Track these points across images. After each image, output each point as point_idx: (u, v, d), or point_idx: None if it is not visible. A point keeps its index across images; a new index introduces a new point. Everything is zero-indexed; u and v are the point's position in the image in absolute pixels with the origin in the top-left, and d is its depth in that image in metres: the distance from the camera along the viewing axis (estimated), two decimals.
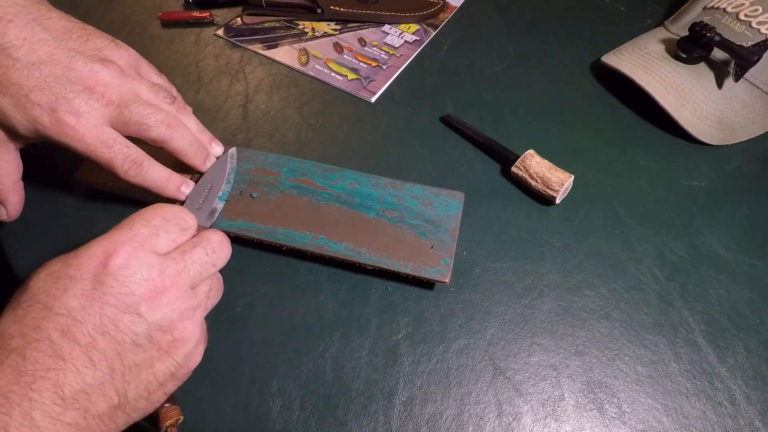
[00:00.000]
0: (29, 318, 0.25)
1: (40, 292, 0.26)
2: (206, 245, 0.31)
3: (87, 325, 0.26)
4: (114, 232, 0.29)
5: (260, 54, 0.55)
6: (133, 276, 0.27)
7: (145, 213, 0.30)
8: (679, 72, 0.48)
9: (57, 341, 0.25)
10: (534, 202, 0.44)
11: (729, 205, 0.45)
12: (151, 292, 0.27)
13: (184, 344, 0.29)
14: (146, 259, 0.28)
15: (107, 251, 0.28)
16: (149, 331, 0.27)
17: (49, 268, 0.27)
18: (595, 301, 0.39)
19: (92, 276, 0.27)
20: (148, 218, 0.30)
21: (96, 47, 0.36)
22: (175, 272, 0.29)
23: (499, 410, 0.34)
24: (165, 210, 0.31)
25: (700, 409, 0.35)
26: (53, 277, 0.27)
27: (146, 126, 0.36)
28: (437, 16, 0.60)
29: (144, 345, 0.27)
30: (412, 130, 0.49)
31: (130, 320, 0.27)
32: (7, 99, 0.33)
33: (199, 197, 0.38)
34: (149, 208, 0.31)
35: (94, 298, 0.26)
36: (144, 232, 0.29)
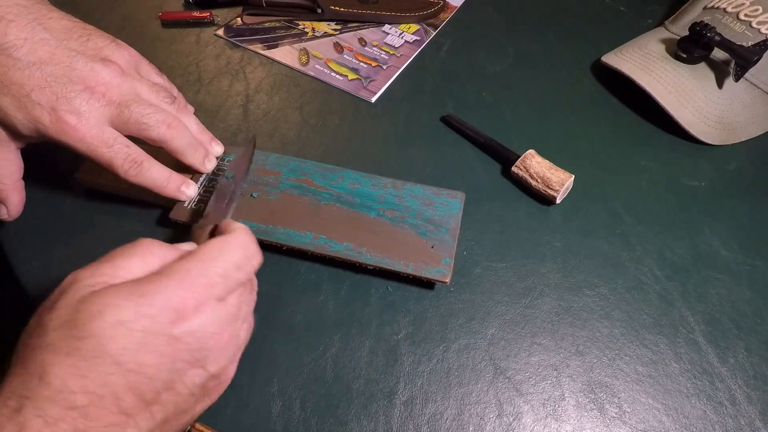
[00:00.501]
0: (95, 372, 0.23)
1: (110, 344, 0.23)
2: (252, 285, 0.31)
3: (156, 381, 0.24)
4: (188, 274, 0.26)
5: (260, 54, 0.55)
6: (205, 332, 0.26)
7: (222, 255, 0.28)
8: (680, 72, 0.48)
9: (122, 397, 0.23)
10: (534, 202, 0.44)
11: (729, 205, 0.45)
12: (217, 345, 0.27)
13: (223, 387, 0.29)
14: (216, 312, 0.27)
15: (183, 303, 0.25)
16: (206, 381, 0.27)
17: (119, 314, 0.24)
18: (596, 301, 0.39)
19: (168, 332, 0.25)
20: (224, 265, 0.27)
21: (97, 47, 0.36)
22: (233, 320, 0.28)
23: (500, 410, 0.34)
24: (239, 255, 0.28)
25: (700, 408, 0.35)
26: (125, 328, 0.23)
27: (146, 126, 0.36)
28: (437, 16, 0.60)
29: (197, 394, 0.26)
30: (412, 130, 0.49)
31: (195, 374, 0.26)
32: (8, 99, 0.33)
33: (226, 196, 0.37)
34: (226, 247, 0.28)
35: (167, 354, 0.24)
36: (219, 281, 0.27)
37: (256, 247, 0.30)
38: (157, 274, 0.26)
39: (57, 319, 0.24)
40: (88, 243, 0.40)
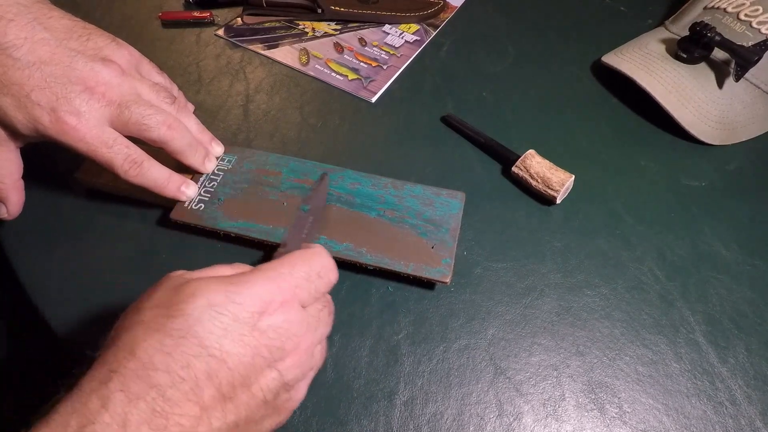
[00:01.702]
0: (179, 352, 0.23)
1: (197, 325, 0.24)
2: (330, 307, 0.31)
3: (235, 374, 0.24)
4: (276, 273, 0.27)
5: (261, 54, 0.55)
6: (287, 331, 0.26)
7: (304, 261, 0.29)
8: (680, 72, 0.48)
9: (201, 386, 0.23)
10: (535, 202, 0.44)
11: (730, 205, 0.45)
12: (296, 350, 0.27)
13: (293, 404, 0.28)
14: (299, 315, 0.27)
15: (271, 298, 0.26)
16: (278, 389, 0.26)
17: (210, 297, 0.25)
18: (596, 301, 0.39)
19: (253, 321, 0.25)
20: (307, 270, 0.28)
21: (97, 47, 0.36)
22: (312, 330, 0.28)
23: (500, 410, 0.34)
24: (322, 262, 0.29)
25: (700, 409, 0.35)
26: (214, 312, 0.24)
27: (146, 127, 0.36)
28: (438, 16, 0.60)
29: (269, 402, 0.26)
30: (412, 130, 0.49)
31: (271, 376, 0.26)
32: (8, 99, 0.32)
33: (304, 228, 0.37)
34: (309, 256, 0.29)
35: (249, 345, 0.25)
36: (303, 284, 0.28)
37: (334, 263, 0.30)
38: (247, 272, 0.27)
39: (153, 300, 0.25)
40: (88, 243, 0.40)
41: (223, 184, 0.40)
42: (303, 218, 0.38)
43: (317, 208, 0.38)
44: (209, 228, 0.38)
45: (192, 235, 0.40)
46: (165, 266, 0.39)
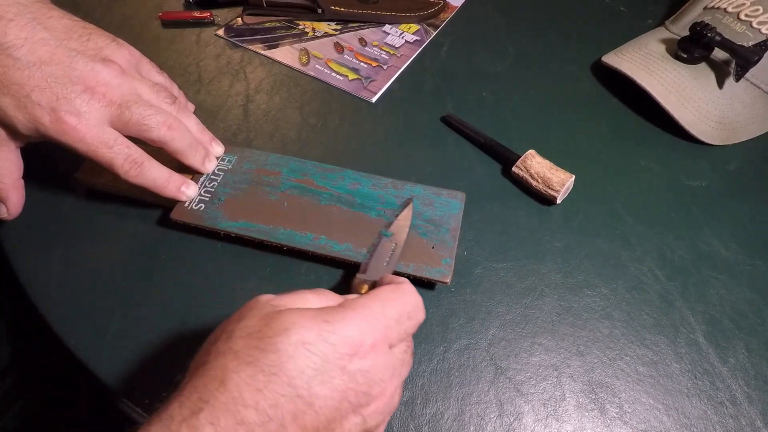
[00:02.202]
0: (269, 390, 0.23)
1: (289, 363, 0.23)
2: (412, 347, 0.30)
3: (320, 417, 0.23)
4: (368, 311, 0.26)
5: (261, 54, 0.55)
6: (375, 376, 0.25)
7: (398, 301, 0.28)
8: (680, 72, 0.48)
9: (287, 426, 0.23)
10: (535, 202, 0.44)
11: (730, 205, 0.45)
12: (382, 395, 0.26)
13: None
14: (387, 358, 0.26)
15: (362, 339, 0.25)
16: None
17: (303, 334, 0.24)
18: (596, 301, 0.39)
19: (343, 364, 0.24)
20: (399, 310, 0.28)
21: (97, 47, 0.36)
22: (397, 374, 0.27)
23: (501, 410, 0.34)
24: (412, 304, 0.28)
25: (701, 409, 0.35)
26: (306, 350, 0.24)
27: (147, 127, 0.36)
28: (438, 16, 0.60)
29: None
30: (412, 130, 0.49)
31: (354, 422, 0.25)
32: (8, 99, 0.32)
33: (386, 255, 0.36)
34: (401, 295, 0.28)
35: (338, 389, 0.24)
36: (393, 326, 0.27)
37: (421, 301, 0.29)
38: (340, 306, 0.26)
39: (245, 328, 0.25)
40: (88, 243, 0.40)
41: (223, 184, 0.40)
42: (385, 245, 0.37)
43: (401, 236, 0.37)
44: (209, 228, 0.38)
45: (192, 235, 0.40)
46: (165, 266, 0.39)
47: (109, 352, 0.35)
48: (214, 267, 0.39)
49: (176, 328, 0.36)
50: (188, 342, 0.36)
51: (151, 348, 0.35)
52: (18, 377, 0.50)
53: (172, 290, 0.38)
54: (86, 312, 0.37)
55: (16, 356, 0.51)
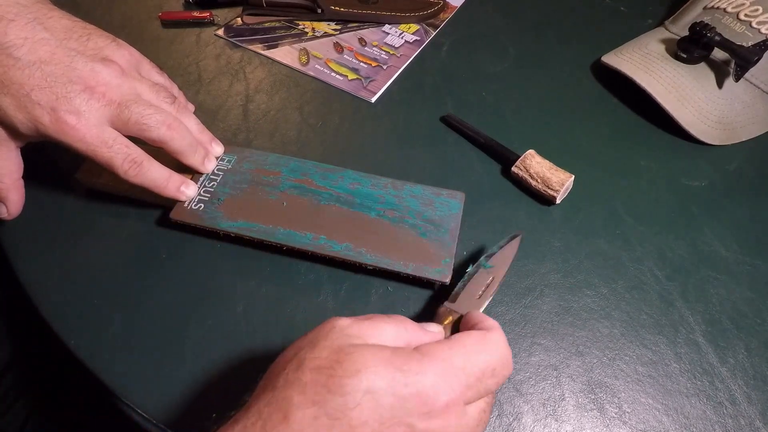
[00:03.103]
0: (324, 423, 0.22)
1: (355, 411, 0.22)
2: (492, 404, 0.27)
3: None
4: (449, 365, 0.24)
5: (260, 54, 0.55)
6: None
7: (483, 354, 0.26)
8: (680, 72, 0.48)
9: None
10: (534, 202, 0.44)
11: (730, 205, 0.45)
12: None
13: None
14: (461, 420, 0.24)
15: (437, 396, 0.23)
16: None
17: (374, 381, 0.23)
18: (596, 301, 0.39)
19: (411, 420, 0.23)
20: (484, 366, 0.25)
21: (97, 47, 0.36)
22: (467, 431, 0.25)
23: (500, 410, 0.34)
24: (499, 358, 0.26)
25: (700, 409, 0.35)
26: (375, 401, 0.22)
27: (146, 126, 0.36)
28: (437, 16, 0.60)
29: None
30: (412, 130, 0.49)
31: None
32: (8, 98, 0.33)
33: (480, 287, 0.34)
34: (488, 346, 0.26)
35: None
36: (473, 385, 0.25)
37: (510, 353, 0.27)
38: (417, 352, 0.25)
39: (316, 360, 0.24)
40: (88, 243, 0.40)
41: (222, 184, 0.40)
42: (482, 276, 0.35)
43: (501, 270, 0.35)
44: (209, 228, 0.38)
45: (192, 235, 0.40)
46: (165, 266, 0.39)
47: (109, 352, 0.35)
48: (213, 267, 0.39)
49: (176, 328, 0.36)
50: (188, 341, 0.36)
51: (151, 348, 0.35)
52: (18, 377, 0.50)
53: (172, 290, 0.38)
54: (86, 312, 0.37)
55: (16, 356, 0.51)
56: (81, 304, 0.37)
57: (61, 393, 0.51)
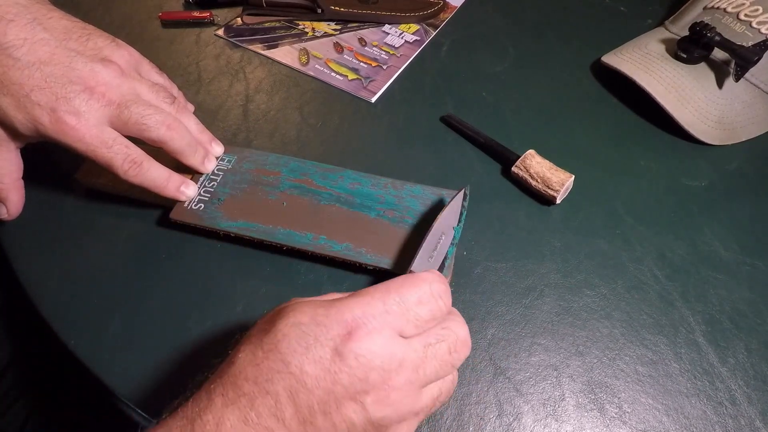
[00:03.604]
0: (266, 365, 0.24)
1: (284, 341, 0.24)
2: (452, 342, 0.27)
3: (313, 397, 0.24)
4: (368, 298, 0.26)
5: (260, 54, 0.55)
6: (372, 361, 0.24)
7: (403, 285, 0.27)
8: (680, 72, 0.48)
9: (283, 402, 0.24)
10: (534, 202, 0.44)
11: (730, 205, 0.45)
12: (384, 385, 0.24)
13: None
14: (390, 345, 0.25)
15: (356, 322, 0.25)
16: (365, 426, 0.24)
17: (298, 315, 0.25)
18: (596, 301, 0.39)
19: (334, 345, 0.24)
20: (403, 293, 0.26)
21: (96, 47, 0.36)
22: (412, 367, 0.25)
23: (500, 410, 0.34)
24: (422, 288, 0.27)
25: (700, 409, 0.35)
26: (300, 330, 0.25)
27: (146, 127, 0.36)
28: (437, 16, 0.60)
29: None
30: (412, 130, 0.49)
31: (353, 409, 0.24)
32: (8, 99, 0.33)
33: (431, 248, 0.34)
34: (410, 280, 0.27)
35: (329, 371, 0.24)
36: (396, 310, 0.26)
37: (447, 291, 0.28)
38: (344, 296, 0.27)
39: (261, 320, 0.27)
40: (88, 243, 0.40)
41: (222, 184, 0.40)
42: (433, 236, 0.34)
43: (449, 228, 0.35)
44: (209, 228, 0.38)
45: (192, 235, 0.40)
46: (165, 266, 0.39)
47: (108, 352, 0.35)
48: (213, 267, 0.39)
49: (176, 328, 0.36)
50: (188, 341, 0.36)
51: (150, 348, 0.35)
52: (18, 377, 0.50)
53: (172, 290, 0.38)
54: (86, 312, 0.37)
55: (16, 356, 0.51)
56: (81, 304, 0.37)
57: (61, 393, 0.51)
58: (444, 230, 0.35)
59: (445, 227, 0.35)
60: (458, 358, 0.27)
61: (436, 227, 0.35)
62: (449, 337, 0.27)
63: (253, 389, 0.24)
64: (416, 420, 0.27)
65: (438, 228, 0.35)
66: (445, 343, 0.27)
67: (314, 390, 0.24)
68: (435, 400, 0.27)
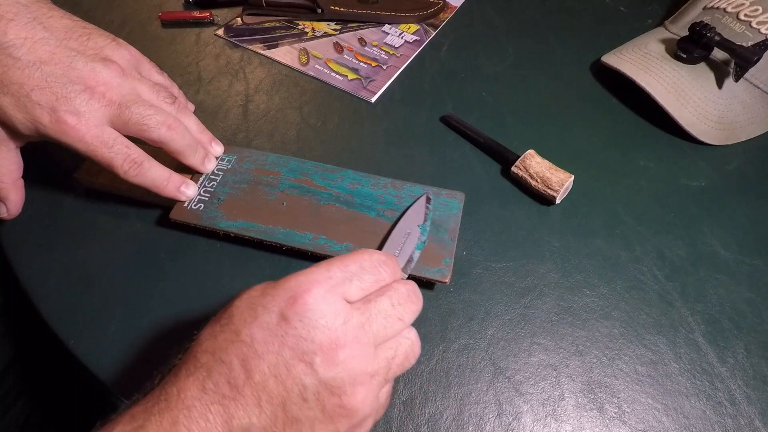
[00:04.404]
0: (221, 337, 0.26)
1: (236, 313, 0.26)
2: (392, 294, 0.28)
3: (263, 361, 0.25)
4: (313, 269, 0.27)
5: (260, 54, 0.55)
6: (317, 321, 0.25)
7: (345, 257, 0.28)
8: (679, 72, 0.48)
9: (236, 370, 0.25)
10: (534, 202, 0.44)
11: (729, 205, 0.45)
12: (330, 343, 0.25)
13: (350, 414, 0.26)
14: (334, 305, 0.26)
15: (300, 287, 0.26)
16: (318, 388, 0.25)
17: (251, 291, 0.27)
18: (595, 300, 0.39)
19: (280, 310, 0.26)
20: (346, 263, 0.28)
21: (97, 46, 0.36)
22: (357, 324, 0.26)
23: (499, 410, 0.34)
24: (363, 257, 0.29)
25: (700, 408, 0.35)
26: (250, 302, 0.26)
27: (146, 127, 0.36)
28: (437, 16, 0.60)
29: (310, 401, 0.25)
30: (412, 130, 0.49)
31: (302, 369, 0.25)
32: (8, 98, 0.33)
33: (397, 245, 0.36)
34: (352, 253, 0.29)
35: (276, 335, 0.25)
36: (339, 275, 0.27)
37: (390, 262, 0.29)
38: None
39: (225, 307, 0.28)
40: (88, 243, 0.40)
41: (222, 184, 0.40)
42: (399, 233, 0.36)
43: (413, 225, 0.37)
44: (209, 228, 0.38)
45: (192, 235, 0.40)
46: (165, 266, 0.39)
47: (109, 352, 0.35)
48: (213, 267, 0.39)
49: (176, 328, 0.36)
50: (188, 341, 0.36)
51: (150, 348, 0.35)
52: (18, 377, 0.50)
53: (172, 290, 0.38)
54: (86, 312, 0.37)
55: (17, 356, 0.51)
56: (81, 304, 0.37)
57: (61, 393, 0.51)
58: (410, 229, 0.37)
59: (410, 226, 0.37)
60: (404, 311, 0.28)
61: (401, 226, 0.37)
62: (392, 293, 0.28)
63: (210, 359, 0.25)
64: (373, 383, 0.26)
65: (402, 227, 0.37)
66: (387, 297, 0.28)
67: (264, 355, 0.25)
68: (391, 361, 0.27)
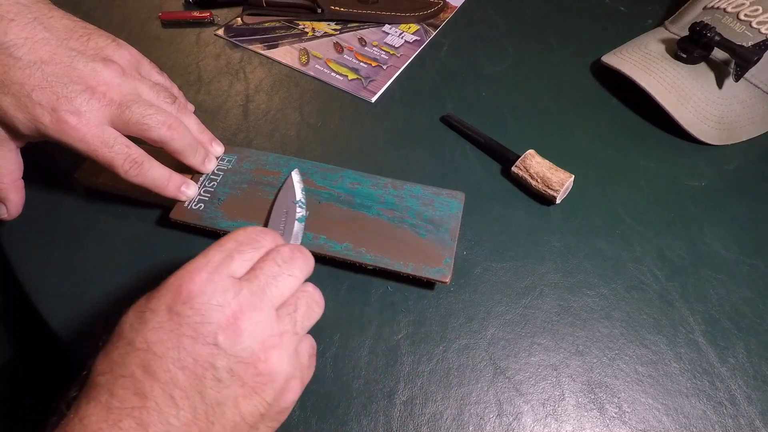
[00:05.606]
0: (116, 353, 0.25)
1: (126, 327, 0.26)
2: (275, 257, 0.29)
3: (166, 359, 0.24)
4: (192, 260, 0.27)
5: (260, 54, 0.55)
6: (208, 303, 0.25)
7: (220, 240, 0.29)
8: (679, 72, 0.48)
9: (139, 378, 0.24)
10: (534, 202, 0.44)
11: (729, 205, 0.45)
12: (228, 318, 0.25)
13: (271, 380, 0.26)
14: (221, 283, 0.26)
15: (182, 280, 0.26)
16: (230, 364, 0.25)
17: (135, 303, 0.27)
18: (596, 300, 0.39)
19: (168, 307, 0.25)
20: (221, 243, 0.28)
21: (97, 47, 0.36)
22: (250, 292, 0.26)
23: (500, 410, 0.34)
24: (238, 233, 0.29)
25: (700, 408, 0.35)
26: (137, 311, 0.26)
27: (147, 126, 0.36)
28: (437, 16, 0.60)
29: (225, 380, 0.25)
30: (412, 130, 0.49)
31: (209, 352, 0.25)
32: (9, 98, 0.33)
33: (278, 225, 0.37)
34: (223, 237, 0.29)
35: (170, 330, 0.25)
36: (218, 257, 0.27)
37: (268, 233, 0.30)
38: None
39: None
40: (88, 243, 0.40)
41: (222, 184, 0.40)
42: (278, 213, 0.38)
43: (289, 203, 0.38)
44: (209, 228, 0.38)
45: (192, 234, 0.40)
46: (165, 266, 0.39)
47: None
48: None
49: None
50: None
51: None
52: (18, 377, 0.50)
53: None
54: (86, 312, 0.37)
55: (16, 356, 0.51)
56: (81, 304, 0.37)
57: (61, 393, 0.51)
58: (286, 208, 0.38)
59: (286, 205, 0.38)
60: (293, 268, 0.29)
61: (276, 208, 0.38)
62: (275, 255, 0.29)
63: (109, 378, 0.25)
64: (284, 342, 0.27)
65: (278, 208, 0.38)
66: (271, 260, 0.28)
67: (165, 353, 0.24)
68: (294, 316, 0.28)
